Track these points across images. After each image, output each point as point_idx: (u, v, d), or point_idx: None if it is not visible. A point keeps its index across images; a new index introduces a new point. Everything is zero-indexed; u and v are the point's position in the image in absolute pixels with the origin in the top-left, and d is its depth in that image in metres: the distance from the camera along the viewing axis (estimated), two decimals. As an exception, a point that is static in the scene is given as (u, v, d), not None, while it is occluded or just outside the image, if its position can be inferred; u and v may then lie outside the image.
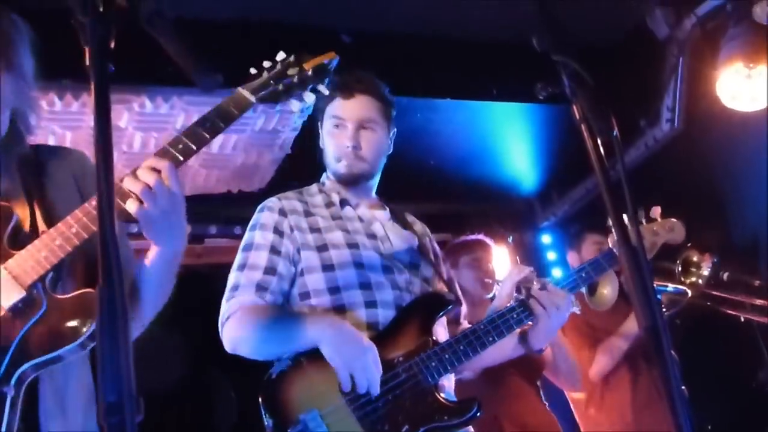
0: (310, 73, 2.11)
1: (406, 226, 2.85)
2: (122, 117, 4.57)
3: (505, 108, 5.12)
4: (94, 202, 1.82)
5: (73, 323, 1.80)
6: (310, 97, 2.12)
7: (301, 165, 5.18)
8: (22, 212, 1.92)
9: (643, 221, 2.95)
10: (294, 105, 2.14)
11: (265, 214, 2.67)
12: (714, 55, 4.40)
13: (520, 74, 3.91)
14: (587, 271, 2.75)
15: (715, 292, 4.09)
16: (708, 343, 4.54)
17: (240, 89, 2.06)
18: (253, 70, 2.11)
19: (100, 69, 1.29)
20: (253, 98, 2.04)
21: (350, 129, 2.71)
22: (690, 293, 3.94)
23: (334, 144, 2.76)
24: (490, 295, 3.97)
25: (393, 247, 2.71)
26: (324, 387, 2.33)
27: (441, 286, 2.77)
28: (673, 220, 3.01)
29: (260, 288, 2.52)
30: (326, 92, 2.18)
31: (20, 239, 1.85)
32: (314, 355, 2.36)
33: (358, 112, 2.73)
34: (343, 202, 2.76)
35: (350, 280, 2.55)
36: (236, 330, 2.48)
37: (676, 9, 4.53)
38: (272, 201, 2.72)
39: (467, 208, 6.06)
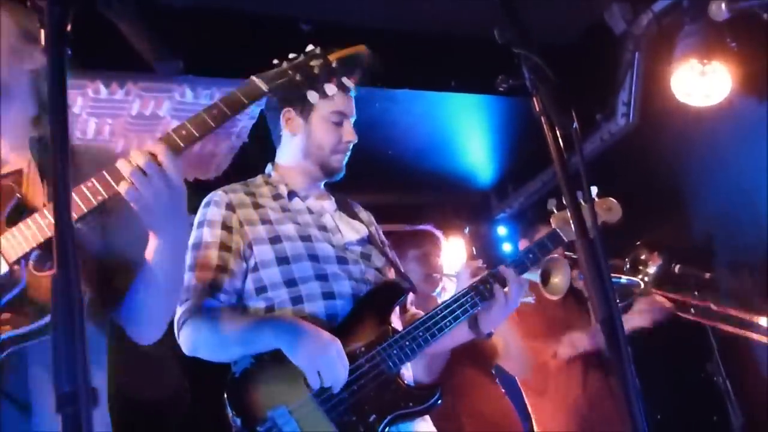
0: (334, 65, 2.04)
1: (353, 216, 2.85)
2: (76, 102, 4.49)
3: (463, 99, 5.14)
4: (87, 183, 1.79)
5: (48, 300, 1.78)
6: (331, 89, 2.04)
7: (257, 154, 5.14)
8: (32, 191, 1.90)
9: (581, 201, 2.95)
10: (312, 96, 2.06)
11: (211, 210, 2.61)
12: (669, 51, 4.46)
13: (478, 66, 3.94)
14: (534, 251, 2.79)
15: (662, 292, 4.15)
16: (658, 335, 4.61)
17: (253, 77, 1.96)
18: (275, 61, 2.03)
19: (56, 52, 1.27)
20: (265, 87, 1.95)
21: (350, 125, 2.75)
22: (642, 286, 3.99)
23: (333, 137, 2.74)
24: (437, 291, 3.97)
25: (344, 238, 2.71)
26: (289, 383, 2.33)
27: (393, 274, 2.78)
28: (611, 199, 3.02)
29: (213, 288, 2.49)
30: (351, 86, 2.14)
31: (21, 218, 1.84)
32: (276, 352, 2.35)
33: (352, 107, 2.78)
34: (292, 194, 2.74)
35: (306, 272, 2.53)
36: (193, 335, 2.45)
37: (633, 5, 4.59)
38: (218, 195, 2.65)
39: (424, 199, 6.07)
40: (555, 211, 2.90)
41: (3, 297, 1.77)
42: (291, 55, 2.05)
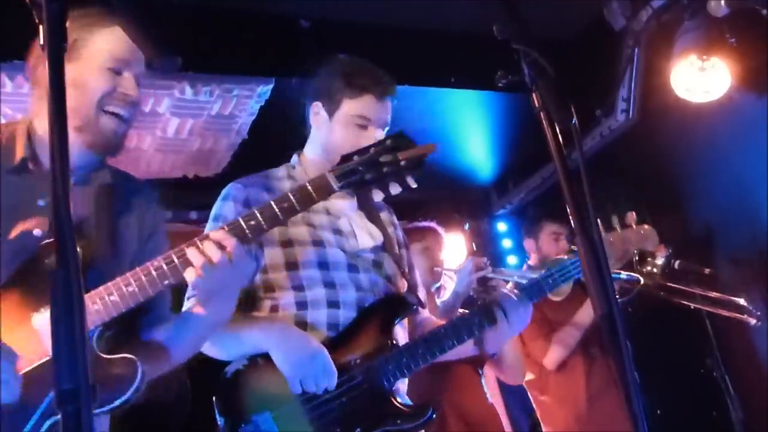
0: (403, 164, 2.02)
1: (373, 217, 2.77)
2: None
3: (463, 95, 5.13)
4: (156, 263, 1.83)
5: (110, 386, 1.78)
6: (396, 189, 2.04)
7: (257, 150, 5.15)
8: (86, 250, 1.85)
9: (617, 228, 2.91)
10: (378, 195, 2.06)
11: (227, 205, 2.55)
12: (669, 47, 4.46)
13: (477, 62, 3.93)
14: (554, 277, 2.75)
15: (668, 283, 4.15)
16: (659, 330, 4.62)
17: (327, 173, 2.00)
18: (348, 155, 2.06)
19: (55, 49, 1.27)
20: (336, 186, 1.99)
21: (373, 132, 2.62)
22: (642, 281, 3.99)
23: (352, 140, 2.57)
24: (438, 285, 3.98)
25: (358, 244, 2.64)
26: (278, 388, 2.32)
27: (403, 284, 2.72)
28: (646, 227, 2.96)
29: None
30: (413, 185, 2.08)
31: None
32: (268, 355, 2.35)
33: (385, 116, 2.67)
34: None
35: (314, 278, 2.50)
36: None
37: (633, 1, 4.58)
38: (237, 188, 2.59)
39: (424, 196, 6.06)
40: None
41: None
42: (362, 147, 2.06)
